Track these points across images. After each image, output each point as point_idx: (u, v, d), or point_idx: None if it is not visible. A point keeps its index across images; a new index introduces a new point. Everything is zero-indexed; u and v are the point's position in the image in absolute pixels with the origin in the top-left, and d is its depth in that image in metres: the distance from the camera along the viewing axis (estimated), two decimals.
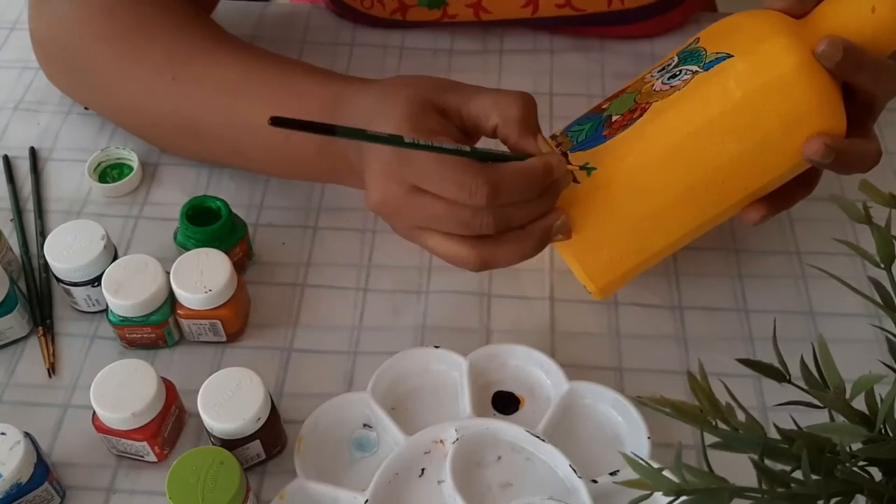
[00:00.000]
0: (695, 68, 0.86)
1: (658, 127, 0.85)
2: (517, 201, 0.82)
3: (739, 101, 0.83)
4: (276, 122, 0.72)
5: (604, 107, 0.91)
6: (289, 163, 0.97)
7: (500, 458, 0.86)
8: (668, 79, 0.87)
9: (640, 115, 0.86)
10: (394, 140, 0.78)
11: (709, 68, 0.85)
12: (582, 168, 0.86)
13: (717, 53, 0.85)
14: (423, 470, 0.85)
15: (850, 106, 0.85)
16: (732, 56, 0.84)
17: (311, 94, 0.92)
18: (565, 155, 0.87)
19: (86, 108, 1.13)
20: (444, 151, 0.79)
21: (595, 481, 0.83)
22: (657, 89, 0.87)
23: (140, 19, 1.01)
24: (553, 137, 0.92)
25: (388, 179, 0.83)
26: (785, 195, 0.89)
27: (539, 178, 0.81)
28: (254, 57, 0.98)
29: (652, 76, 0.90)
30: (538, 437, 0.85)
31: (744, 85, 0.83)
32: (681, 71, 0.87)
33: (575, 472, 0.83)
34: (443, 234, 0.83)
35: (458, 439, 0.85)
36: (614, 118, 0.87)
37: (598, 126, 0.88)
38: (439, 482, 0.84)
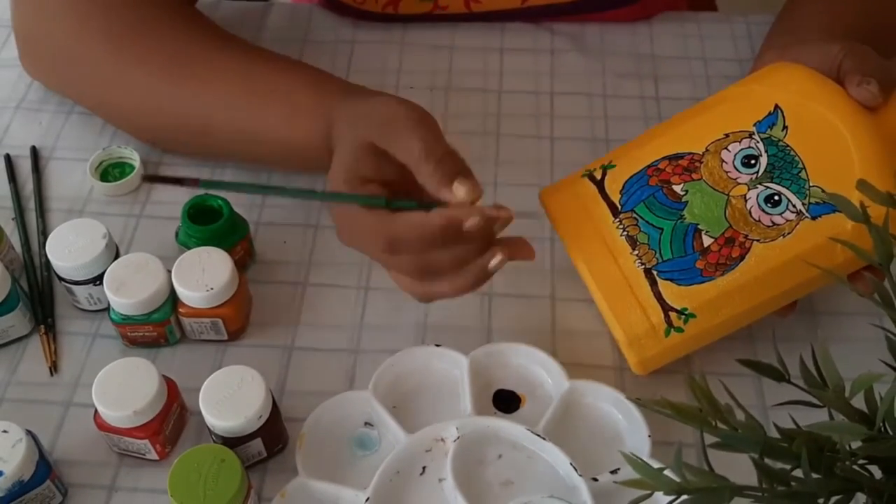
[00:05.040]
0: (797, 204, 0.85)
1: (763, 281, 0.86)
2: (426, 250, 0.82)
3: (842, 263, 0.84)
4: (147, 178, 0.88)
5: (665, 171, 0.89)
6: (293, 164, 1.01)
7: (500, 456, 0.86)
8: (765, 203, 0.86)
9: (741, 257, 0.86)
10: (304, 193, 0.88)
11: (816, 216, 0.85)
12: (680, 314, 0.86)
13: (823, 193, 0.85)
14: (424, 468, 0.85)
15: None
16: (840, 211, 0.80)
17: (308, 114, 0.93)
18: (650, 273, 0.87)
19: None
20: (352, 200, 0.83)
21: (596, 479, 0.83)
22: (756, 218, 0.86)
23: (138, 18, 1.01)
24: (616, 213, 0.89)
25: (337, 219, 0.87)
26: None
27: (437, 232, 0.81)
28: (256, 62, 0.99)
29: (727, 158, 0.88)
30: (539, 435, 0.85)
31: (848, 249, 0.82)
32: (778, 196, 0.86)
33: (576, 470, 0.83)
34: None
35: (459, 437, 0.85)
36: (708, 244, 0.86)
37: (684, 242, 0.87)
38: (440, 480, 0.84)
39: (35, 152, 1.10)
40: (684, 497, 0.60)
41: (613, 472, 0.83)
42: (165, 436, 0.85)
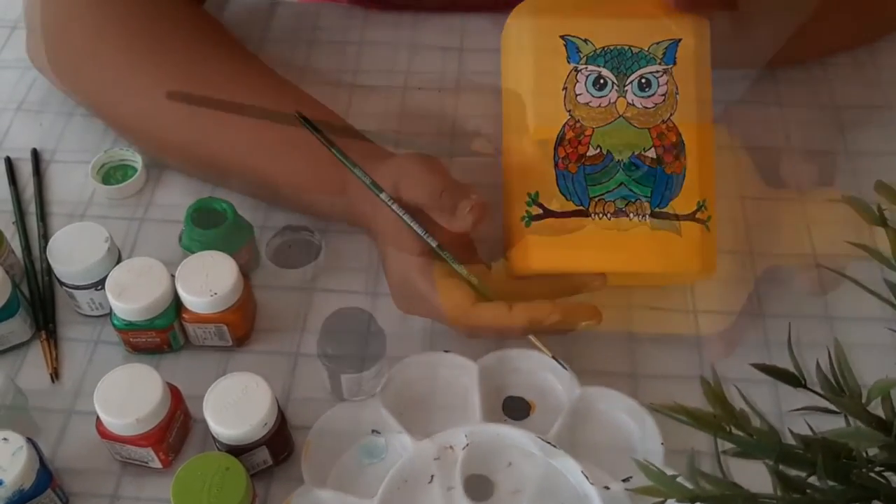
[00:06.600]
0: (656, 69, 0.87)
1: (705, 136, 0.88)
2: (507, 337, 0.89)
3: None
4: (301, 117, 0.88)
5: (568, 152, 0.88)
6: (303, 209, 1.02)
7: (510, 464, 0.85)
8: (640, 91, 0.87)
9: (678, 133, 0.87)
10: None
11: (672, 62, 0.87)
12: (704, 223, 0.86)
13: (657, 43, 0.88)
14: (432, 476, 0.84)
15: None
16: (680, 39, 0.87)
17: (328, 168, 0.92)
18: (656, 213, 0.87)
19: None
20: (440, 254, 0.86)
21: (608, 488, 0.82)
22: (646, 106, 0.87)
23: (156, 32, 1.01)
24: (587, 213, 0.88)
25: (397, 273, 0.91)
26: None
27: (520, 329, 0.84)
28: (279, 102, 0.98)
29: (581, 90, 0.88)
30: (550, 443, 0.84)
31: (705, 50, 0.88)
32: (640, 80, 0.87)
33: (587, 478, 0.82)
34: None
35: (467, 445, 0.84)
36: (656, 155, 0.87)
37: (639, 168, 0.87)
38: (449, 489, 0.83)
39: (36, 155, 1.10)
40: None
41: (625, 480, 0.83)
42: (169, 444, 0.85)
